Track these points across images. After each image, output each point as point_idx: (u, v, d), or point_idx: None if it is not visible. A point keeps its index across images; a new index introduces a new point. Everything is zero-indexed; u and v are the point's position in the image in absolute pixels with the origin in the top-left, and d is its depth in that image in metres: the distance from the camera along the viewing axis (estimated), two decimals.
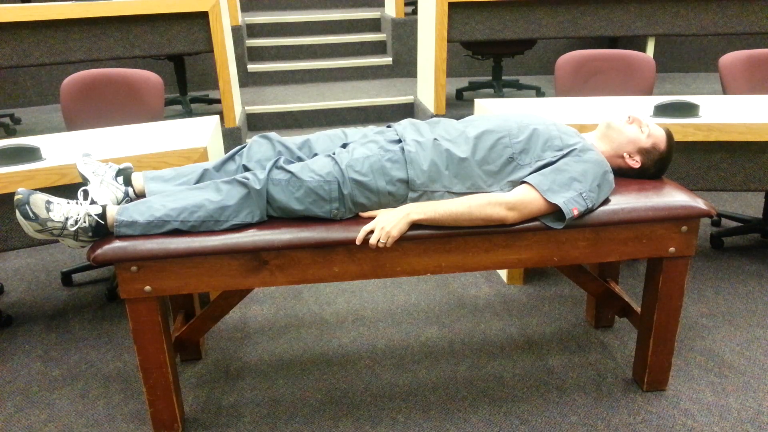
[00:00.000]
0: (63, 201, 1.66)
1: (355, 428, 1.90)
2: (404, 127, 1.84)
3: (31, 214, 1.59)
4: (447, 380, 2.10)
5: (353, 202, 1.71)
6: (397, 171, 1.71)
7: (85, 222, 1.64)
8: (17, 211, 1.59)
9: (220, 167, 1.86)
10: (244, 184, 1.68)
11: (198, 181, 1.83)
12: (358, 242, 1.66)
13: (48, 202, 1.63)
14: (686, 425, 1.87)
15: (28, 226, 1.60)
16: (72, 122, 2.92)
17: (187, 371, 2.20)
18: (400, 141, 1.78)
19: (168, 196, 1.71)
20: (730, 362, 2.16)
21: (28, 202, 1.59)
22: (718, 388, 2.03)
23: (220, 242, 1.66)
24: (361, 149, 1.75)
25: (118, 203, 1.77)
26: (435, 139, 1.76)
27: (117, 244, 1.64)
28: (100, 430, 1.92)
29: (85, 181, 1.79)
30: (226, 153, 3.80)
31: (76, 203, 1.67)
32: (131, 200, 1.81)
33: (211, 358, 2.27)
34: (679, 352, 2.22)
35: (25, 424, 1.96)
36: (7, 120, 4.67)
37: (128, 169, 1.85)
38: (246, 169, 1.83)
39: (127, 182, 1.82)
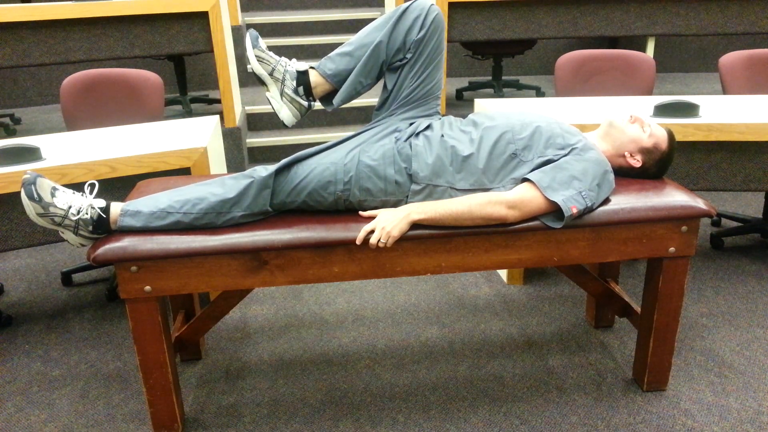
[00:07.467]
0: (69, 191, 1.68)
1: (355, 428, 1.90)
2: (439, 122, 1.86)
3: (35, 195, 1.59)
4: (447, 380, 2.10)
5: (359, 187, 1.72)
6: (404, 162, 1.74)
7: (87, 214, 1.64)
8: (22, 190, 1.59)
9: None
10: (249, 176, 1.71)
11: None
12: (358, 242, 1.66)
13: (54, 188, 1.65)
14: (686, 425, 1.87)
15: (30, 207, 1.60)
16: (72, 122, 2.92)
17: (187, 371, 2.20)
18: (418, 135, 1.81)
19: (174, 191, 1.74)
20: (730, 362, 2.16)
21: (34, 183, 1.60)
22: (718, 388, 2.03)
23: (220, 242, 1.66)
24: (380, 141, 1.79)
25: (300, 118, 1.81)
26: (442, 135, 1.78)
27: (117, 244, 1.64)
28: (100, 430, 1.92)
29: (260, 83, 1.80)
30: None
31: (81, 195, 1.68)
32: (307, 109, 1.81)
33: (211, 358, 2.27)
34: (679, 352, 2.22)
35: (25, 424, 1.96)
36: (7, 120, 4.67)
37: (306, 74, 1.80)
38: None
39: (308, 92, 1.80)
